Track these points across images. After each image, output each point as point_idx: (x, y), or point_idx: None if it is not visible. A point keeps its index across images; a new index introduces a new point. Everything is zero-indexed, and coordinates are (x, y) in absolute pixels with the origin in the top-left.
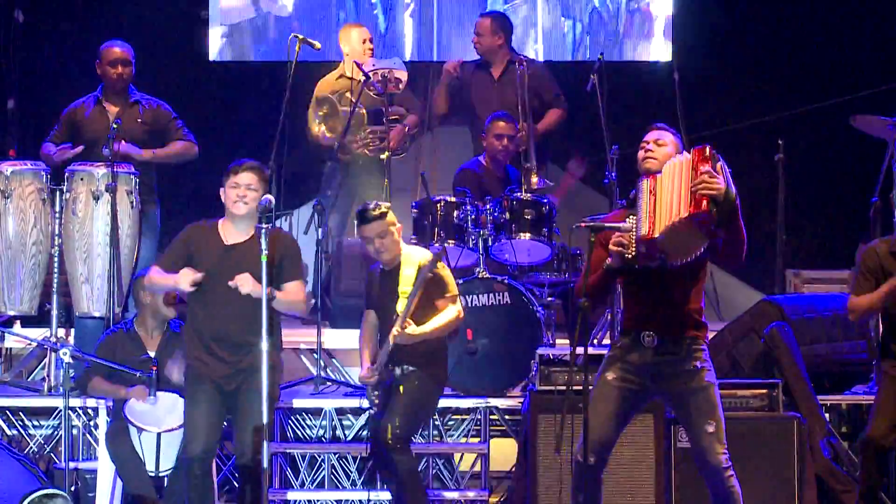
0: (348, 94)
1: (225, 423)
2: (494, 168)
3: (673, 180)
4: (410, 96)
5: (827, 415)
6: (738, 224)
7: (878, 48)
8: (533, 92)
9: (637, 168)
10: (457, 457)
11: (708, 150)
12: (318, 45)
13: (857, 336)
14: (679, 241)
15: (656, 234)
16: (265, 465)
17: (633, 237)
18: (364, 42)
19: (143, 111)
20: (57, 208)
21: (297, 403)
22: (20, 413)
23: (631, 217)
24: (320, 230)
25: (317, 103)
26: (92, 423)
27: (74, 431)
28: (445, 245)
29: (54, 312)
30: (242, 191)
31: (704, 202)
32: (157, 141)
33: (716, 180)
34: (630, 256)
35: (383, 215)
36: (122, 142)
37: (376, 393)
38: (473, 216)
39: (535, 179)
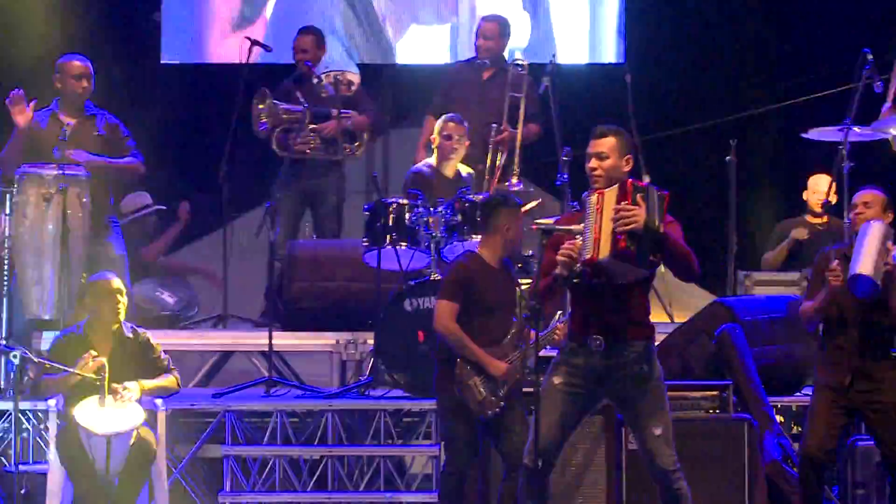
0: (297, 94)
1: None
2: (445, 169)
3: (606, 210)
4: (364, 98)
5: (778, 416)
6: (674, 249)
7: (829, 51)
8: (518, 100)
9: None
10: (408, 459)
11: (628, 184)
12: (269, 47)
13: (807, 338)
14: (618, 267)
15: (599, 258)
16: None
17: (581, 252)
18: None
19: (99, 125)
20: (7, 211)
21: (248, 406)
22: None
23: (582, 224)
24: (272, 232)
25: (257, 98)
26: (42, 426)
27: (24, 434)
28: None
29: (3, 315)
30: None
31: (622, 241)
32: (109, 156)
33: (631, 216)
34: (576, 269)
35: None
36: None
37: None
38: (425, 218)
39: (514, 180)
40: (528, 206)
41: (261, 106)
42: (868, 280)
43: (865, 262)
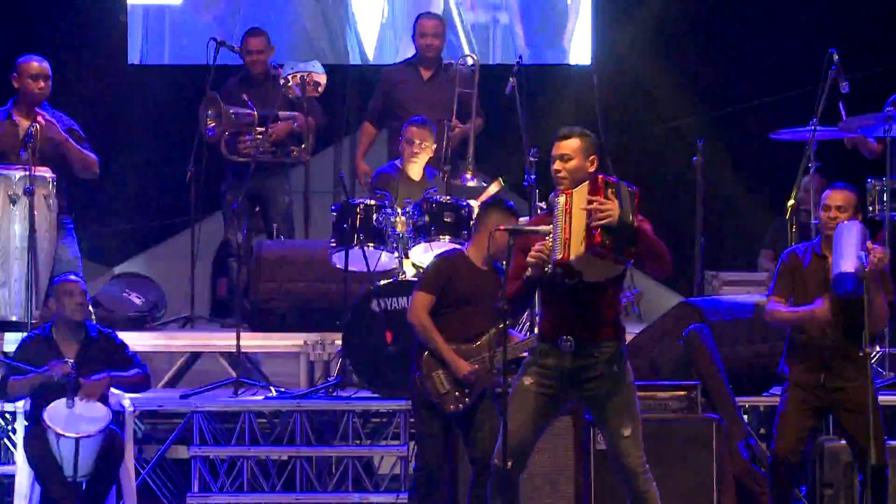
0: (244, 97)
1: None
2: (411, 171)
3: (578, 207)
4: (311, 100)
5: (745, 416)
6: (648, 243)
7: (795, 52)
8: (465, 95)
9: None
10: (376, 459)
11: (600, 179)
12: (236, 48)
13: (775, 338)
14: (591, 266)
15: (570, 258)
16: None
17: (551, 253)
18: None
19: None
20: None
21: (217, 407)
22: None
23: (550, 225)
24: (239, 233)
25: (207, 103)
26: (10, 427)
27: None
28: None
29: None
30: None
31: (597, 235)
32: (64, 157)
33: (605, 210)
34: (548, 271)
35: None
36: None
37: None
38: (393, 219)
39: (469, 174)
40: (489, 191)
41: (210, 110)
42: (851, 277)
43: (849, 261)
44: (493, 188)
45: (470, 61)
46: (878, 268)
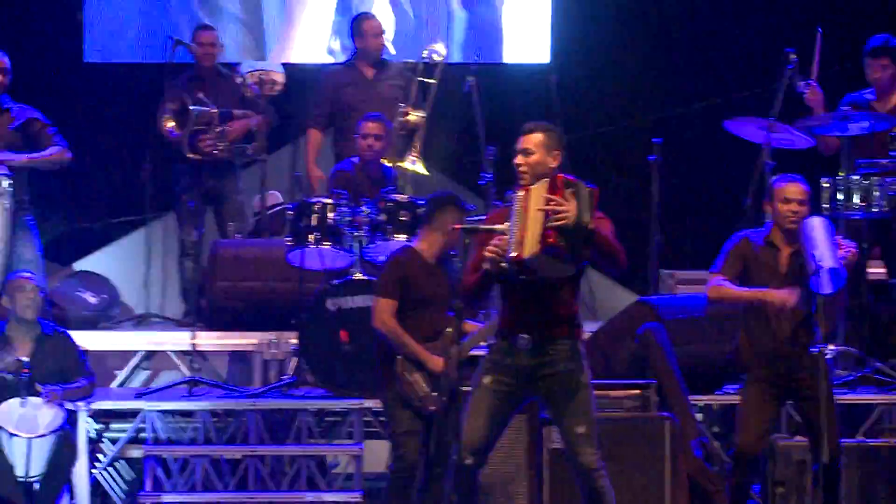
0: (200, 95)
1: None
2: (368, 169)
3: (535, 205)
4: (261, 99)
5: (699, 415)
6: (603, 245)
7: (751, 51)
8: (406, 91)
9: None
10: (330, 458)
11: (559, 179)
12: (194, 47)
13: (729, 336)
14: (546, 265)
15: (524, 257)
16: None
17: (507, 250)
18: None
19: (16, 119)
20: None
21: (170, 406)
22: None
23: (507, 223)
24: (195, 232)
25: (167, 97)
26: None
27: None
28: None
29: None
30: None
31: (552, 235)
32: (30, 149)
33: (562, 211)
34: (504, 267)
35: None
36: None
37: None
38: (349, 217)
39: (410, 160)
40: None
41: (170, 109)
42: (842, 273)
43: (832, 257)
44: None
45: (437, 57)
46: (850, 263)
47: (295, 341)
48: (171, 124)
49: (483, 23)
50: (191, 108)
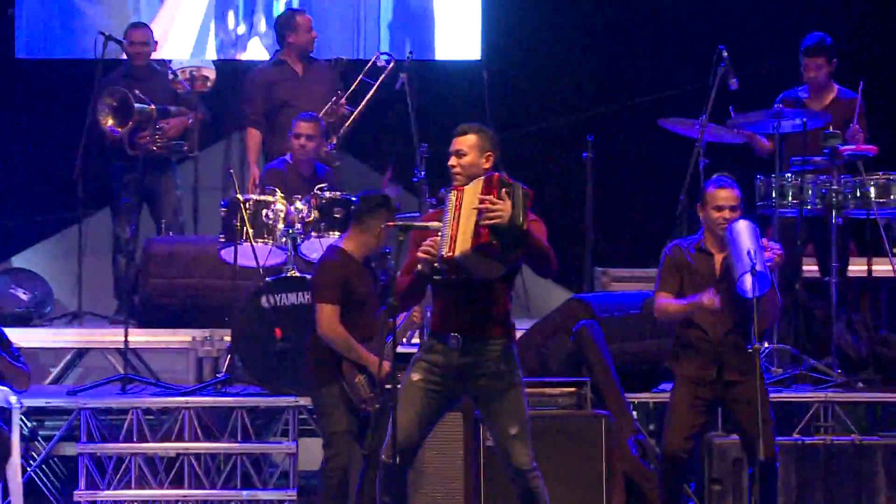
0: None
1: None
2: (301, 167)
3: (469, 204)
4: (192, 95)
5: (635, 413)
6: (535, 246)
7: (684, 48)
8: (335, 87)
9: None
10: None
11: (494, 178)
12: (125, 44)
13: (664, 334)
14: (477, 264)
15: (455, 255)
16: None
17: (439, 249)
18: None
19: None
20: None
21: (104, 403)
22: None
23: (440, 222)
24: (129, 228)
25: (108, 94)
26: None
27: None
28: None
29: None
30: None
31: (485, 234)
32: None
33: (496, 210)
34: (436, 267)
35: None
36: None
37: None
38: (282, 215)
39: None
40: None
41: (114, 103)
42: (766, 277)
43: (754, 260)
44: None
45: (385, 62)
46: (778, 264)
47: (229, 338)
48: (110, 122)
49: (414, 18)
50: (135, 105)
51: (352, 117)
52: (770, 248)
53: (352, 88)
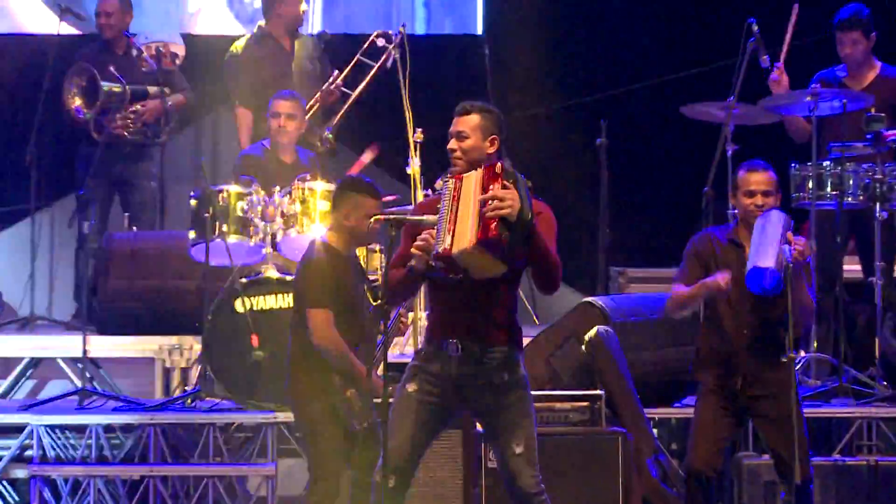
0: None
1: None
2: (281, 152)
3: (469, 195)
4: (178, 74)
5: (655, 430)
6: (540, 247)
7: (710, 21)
8: (324, 63)
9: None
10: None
11: (498, 166)
12: (83, 16)
13: (687, 342)
14: (477, 262)
15: (454, 251)
16: None
17: (435, 243)
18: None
19: None
20: None
21: (59, 420)
22: None
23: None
24: (86, 223)
25: (76, 72)
26: None
27: None
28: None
29: None
30: None
31: (493, 225)
32: None
33: (506, 200)
34: (431, 264)
35: None
36: None
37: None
38: (260, 207)
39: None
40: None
41: (82, 83)
42: (775, 274)
43: (768, 255)
44: (368, 156)
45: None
46: (800, 261)
47: (199, 347)
48: (77, 102)
49: None
50: (101, 83)
51: (350, 100)
52: (794, 240)
53: (349, 68)
